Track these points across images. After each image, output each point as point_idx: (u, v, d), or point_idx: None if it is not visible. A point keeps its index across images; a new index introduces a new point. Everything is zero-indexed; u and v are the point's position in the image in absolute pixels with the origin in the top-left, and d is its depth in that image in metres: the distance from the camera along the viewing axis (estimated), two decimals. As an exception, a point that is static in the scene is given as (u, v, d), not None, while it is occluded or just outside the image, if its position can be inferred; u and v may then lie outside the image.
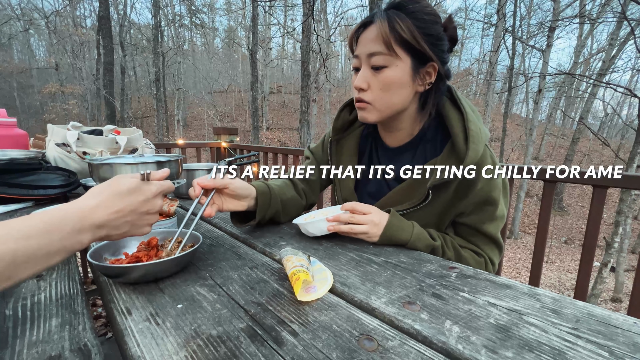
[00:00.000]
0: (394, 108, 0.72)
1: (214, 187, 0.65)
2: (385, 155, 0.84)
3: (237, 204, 0.70)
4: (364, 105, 0.72)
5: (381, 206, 0.74)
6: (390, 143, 0.83)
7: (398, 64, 0.67)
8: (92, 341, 0.39)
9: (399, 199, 0.77)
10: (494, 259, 0.78)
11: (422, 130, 0.78)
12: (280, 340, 0.37)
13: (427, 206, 0.73)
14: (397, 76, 0.68)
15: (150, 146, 1.52)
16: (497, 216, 0.74)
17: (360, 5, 10.62)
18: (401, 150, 0.81)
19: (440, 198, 0.73)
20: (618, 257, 5.48)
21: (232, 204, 0.69)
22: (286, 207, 0.82)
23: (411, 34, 0.65)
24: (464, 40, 23.47)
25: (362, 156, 0.89)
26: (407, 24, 0.65)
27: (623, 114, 19.13)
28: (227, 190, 0.66)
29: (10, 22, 14.16)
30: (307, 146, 1.02)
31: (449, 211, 0.75)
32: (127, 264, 0.50)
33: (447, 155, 0.71)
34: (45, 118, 16.70)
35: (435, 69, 0.70)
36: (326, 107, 18.08)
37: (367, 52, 0.68)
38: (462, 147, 0.68)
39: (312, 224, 0.69)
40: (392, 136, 0.81)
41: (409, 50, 0.67)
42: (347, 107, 0.88)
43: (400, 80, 0.68)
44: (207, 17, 20.23)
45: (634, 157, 4.13)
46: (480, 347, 0.36)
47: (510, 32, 9.66)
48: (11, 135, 1.28)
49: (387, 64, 0.67)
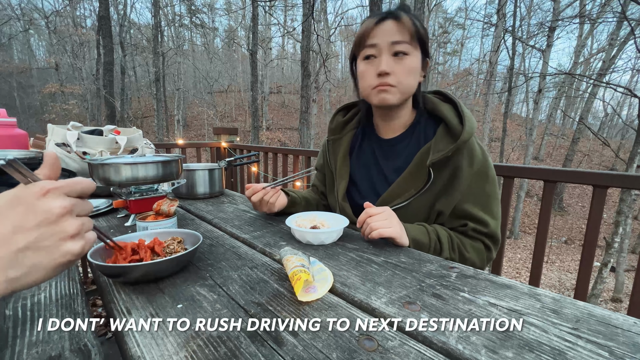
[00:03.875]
0: (411, 92, 0.80)
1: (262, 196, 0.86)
2: (380, 148, 0.89)
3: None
4: (389, 87, 0.78)
5: (385, 200, 0.81)
6: (385, 135, 0.89)
7: (416, 54, 0.77)
8: (92, 341, 0.39)
9: (402, 189, 0.80)
10: (495, 232, 0.78)
11: (414, 122, 0.86)
12: (280, 340, 0.37)
13: (426, 192, 0.77)
14: (416, 64, 0.77)
15: (150, 146, 1.52)
16: (492, 180, 0.79)
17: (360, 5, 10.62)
18: (396, 141, 0.87)
19: (439, 180, 0.77)
20: (618, 257, 5.48)
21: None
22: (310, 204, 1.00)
23: (424, 32, 0.77)
24: (464, 40, 23.45)
25: (353, 150, 0.96)
26: (421, 23, 0.77)
27: (623, 114, 19.15)
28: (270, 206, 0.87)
29: (10, 22, 14.16)
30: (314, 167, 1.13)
31: (445, 195, 0.78)
32: (127, 264, 0.50)
33: (441, 136, 0.78)
34: (45, 118, 16.70)
35: (428, 64, 0.83)
36: (326, 107, 18.09)
37: (390, 40, 0.75)
38: (456, 126, 0.75)
39: (313, 234, 0.69)
40: (388, 127, 0.88)
41: (421, 45, 0.78)
42: (342, 111, 0.99)
43: (417, 67, 0.78)
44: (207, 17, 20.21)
45: (634, 157, 4.13)
46: (481, 347, 0.36)
47: (510, 32, 9.66)
48: (11, 135, 1.28)
49: (409, 52, 0.76)
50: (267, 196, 0.85)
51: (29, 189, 0.33)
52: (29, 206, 0.32)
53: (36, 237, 0.32)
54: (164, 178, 0.88)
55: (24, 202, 0.32)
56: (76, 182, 0.36)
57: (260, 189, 0.86)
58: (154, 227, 0.72)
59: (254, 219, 0.91)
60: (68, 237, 0.34)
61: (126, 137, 1.36)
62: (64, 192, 0.35)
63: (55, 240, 0.33)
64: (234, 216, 0.94)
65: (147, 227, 0.72)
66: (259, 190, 0.86)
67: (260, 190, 0.86)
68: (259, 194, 0.86)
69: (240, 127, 17.79)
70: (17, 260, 0.31)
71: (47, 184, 0.34)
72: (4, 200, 0.33)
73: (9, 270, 0.31)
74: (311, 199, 1.01)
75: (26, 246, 0.31)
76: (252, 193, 0.86)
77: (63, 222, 0.33)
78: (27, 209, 0.32)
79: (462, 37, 23.52)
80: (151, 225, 0.72)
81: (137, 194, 0.92)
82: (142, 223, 0.73)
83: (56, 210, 0.33)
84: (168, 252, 0.58)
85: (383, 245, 0.69)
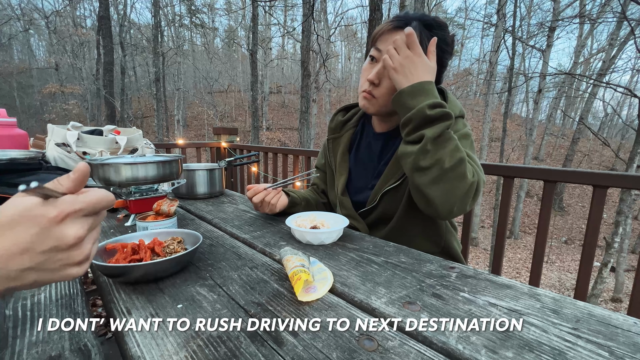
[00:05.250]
0: (391, 108, 0.78)
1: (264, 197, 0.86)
2: (376, 142, 0.91)
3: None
4: (370, 97, 0.80)
5: (380, 187, 0.83)
6: (380, 129, 0.92)
7: None
8: (92, 341, 0.39)
9: (393, 172, 0.82)
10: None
11: None
12: (280, 340, 0.37)
13: None
14: None
15: (150, 146, 1.52)
16: (470, 144, 0.78)
17: (360, 5, 10.62)
18: (391, 134, 0.88)
19: None
20: (618, 257, 5.48)
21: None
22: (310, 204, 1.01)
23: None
24: (464, 40, 23.46)
25: (352, 146, 0.98)
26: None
27: (623, 114, 19.16)
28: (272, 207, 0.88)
29: (10, 22, 14.15)
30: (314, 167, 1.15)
31: None
32: (127, 264, 0.50)
33: None
34: (45, 118, 16.71)
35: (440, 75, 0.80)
36: (326, 107, 18.09)
37: None
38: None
39: (313, 234, 0.69)
40: (383, 123, 0.90)
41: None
42: (342, 112, 1.02)
43: None
44: (207, 17, 20.21)
45: (634, 157, 4.13)
46: (481, 347, 0.36)
47: (510, 32, 9.65)
48: (11, 135, 1.28)
49: None
50: (269, 197, 0.86)
51: (46, 209, 0.31)
52: (43, 230, 0.31)
53: (43, 260, 0.31)
54: (164, 178, 0.88)
55: (38, 224, 0.30)
56: (99, 201, 0.34)
57: (261, 189, 0.86)
58: (154, 227, 0.72)
59: (254, 219, 0.91)
60: (74, 263, 0.33)
61: (126, 137, 1.36)
62: (84, 214, 0.33)
63: (60, 265, 0.32)
64: (234, 216, 0.94)
65: (147, 227, 0.72)
66: (261, 191, 0.86)
67: (262, 192, 0.86)
68: (260, 195, 0.86)
69: (240, 127, 17.80)
70: (20, 277, 0.31)
71: (67, 208, 0.32)
72: (17, 213, 0.30)
73: (10, 283, 0.30)
74: (311, 199, 1.02)
75: (31, 267, 0.31)
76: (253, 194, 0.86)
77: (74, 251, 0.32)
78: (41, 232, 0.30)
79: (462, 37, 23.56)
80: (151, 225, 0.72)
81: (137, 194, 0.92)
82: (142, 223, 0.73)
83: (71, 240, 0.31)
84: (168, 252, 0.58)
85: (383, 245, 0.69)
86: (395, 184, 0.81)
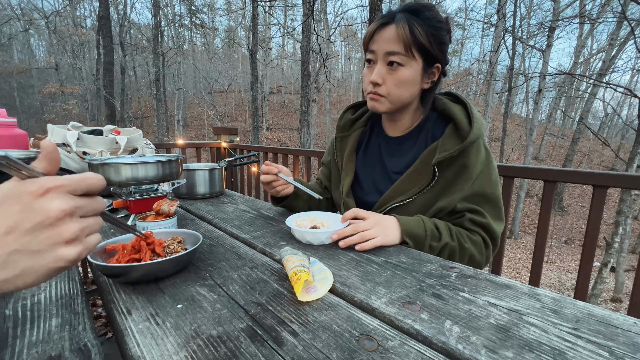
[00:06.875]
0: (403, 102, 0.80)
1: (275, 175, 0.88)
2: (387, 146, 0.90)
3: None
4: (378, 97, 0.79)
5: (388, 197, 0.81)
6: (392, 133, 0.90)
7: (412, 65, 0.75)
8: (92, 341, 0.39)
9: (405, 187, 0.80)
10: (494, 228, 0.77)
11: (422, 122, 0.86)
12: (280, 340, 0.37)
13: (429, 190, 0.77)
14: (411, 75, 0.76)
15: (150, 146, 1.52)
16: (494, 183, 0.78)
17: (360, 5, 10.61)
18: (403, 139, 0.87)
19: (443, 179, 0.77)
20: (618, 257, 5.48)
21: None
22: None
23: (427, 40, 0.73)
24: (464, 40, 23.43)
25: (360, 147, 0.96)
26: (424, 30, 0.73)
27: (623, 114, 19.16)
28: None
29: (10, 22, 14.17)
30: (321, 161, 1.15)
31: (447, 194, 0.77)
32: (127, 264, 0.50)
33: (449, 135, 0.77)
34: (45, 118, 16.71)
35: (439, 70, 0.80)
36: (326, 107, 18.06)
37: (385, 50, 0.75)
38: (465, 126, 0.75)
39: (313, 234, 0.69)
40: (394, 126, 0.89)
41: (423, 53, 0.75)
42: (351, 109, 1.00)
43: (413, 79, 0.77)
44: (207, 17, 20.21)
45: (634, 157, 4.13)
46: (481, 347, 0.36)
47: (510, 32, 9.65)
48: (11, 135, 1.28)
49: (404, 63, 0.75)
50: (276, 183, 0.88)
51: (26, 186, 0.30)
52: (25, 206, 0.29)
53: (29, 240, 0.29)
54: (164, 178, 0.88)
55: (20, 200, 0.29)
56: (82, 179, 0.32)
57: (275, 172, 0.88)
58: (154, 227, 0.72)
59: (254, 219, 0.91)
60: (63, 242, 0.30)
61: (126, 137, 1.36)
62: (67, 190, 0.31)
63: (48, 244, 0.30)
64: (234, 216, 0.94)
65: (147, 227, 0.72)
66: (273, 174, 0.88)
67: (272, 176, 0.88)
68: (269, 177, 0.88)
69: (240, 127, 17.80)
70: (7, 262, 0.29)
71: (48, 182, 0.30)
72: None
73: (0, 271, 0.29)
74: (316, 190, 1.01)
75: (17, 249, 0.29)
76: (266, 171, 0.88)
77: (60, 226, 0.30)
78: (23, 209, 0.29)
79: (462, 37, 23.53)
80: (151, 225, 0.72)
81: (137, 194, 0.92)
82: (142, 223, 0.73)
83: (54, 213, 0.30)
84: (168, 252, 0.58)
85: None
86: (405, 202, 0.79)
